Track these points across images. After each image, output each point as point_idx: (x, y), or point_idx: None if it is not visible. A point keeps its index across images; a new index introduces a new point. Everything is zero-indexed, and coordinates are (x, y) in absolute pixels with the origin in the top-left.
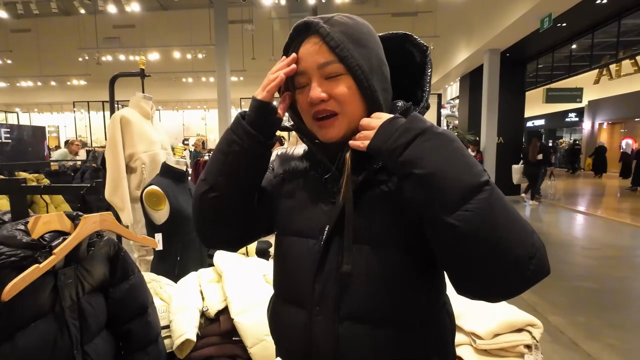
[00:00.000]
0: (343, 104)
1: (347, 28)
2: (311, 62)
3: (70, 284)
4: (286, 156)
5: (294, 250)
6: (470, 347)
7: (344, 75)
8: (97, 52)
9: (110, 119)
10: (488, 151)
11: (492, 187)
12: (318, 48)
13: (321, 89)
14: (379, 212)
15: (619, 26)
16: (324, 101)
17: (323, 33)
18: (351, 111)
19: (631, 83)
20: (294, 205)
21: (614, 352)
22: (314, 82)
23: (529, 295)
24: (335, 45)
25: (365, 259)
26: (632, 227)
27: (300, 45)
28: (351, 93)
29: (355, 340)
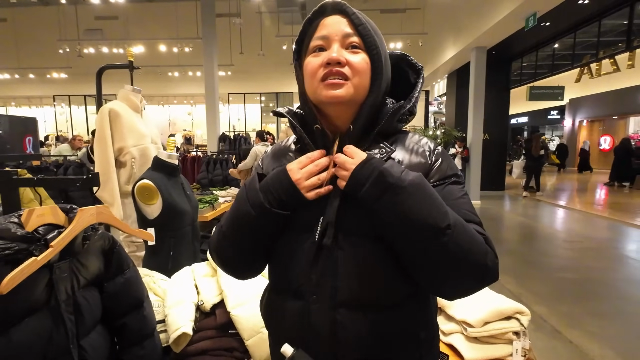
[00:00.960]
0: (356, 73)
1: (365, 17)
2: (336, 29)
3: (65, 277)
4: (277, 152)
5: (289, 244)
6: (462, 336)
7: (362, 52)
8: (79, 44)
9: (99, 112)
10: (474, 147)
11: (452, 230)
12: (345, 21)
13: (340, 53)
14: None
15: (600, 26)
16: (341, 63)
17: (349, 12)
18: (359, 83)
19: (610, 82)
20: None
21: (594, 338)
22: (335, 45)
23: (513, 286)
24: (359, 23)
25: (358, 248)
26: (610, 221)
27: (322, 19)
28: (365, 68)
29: (351, 325)
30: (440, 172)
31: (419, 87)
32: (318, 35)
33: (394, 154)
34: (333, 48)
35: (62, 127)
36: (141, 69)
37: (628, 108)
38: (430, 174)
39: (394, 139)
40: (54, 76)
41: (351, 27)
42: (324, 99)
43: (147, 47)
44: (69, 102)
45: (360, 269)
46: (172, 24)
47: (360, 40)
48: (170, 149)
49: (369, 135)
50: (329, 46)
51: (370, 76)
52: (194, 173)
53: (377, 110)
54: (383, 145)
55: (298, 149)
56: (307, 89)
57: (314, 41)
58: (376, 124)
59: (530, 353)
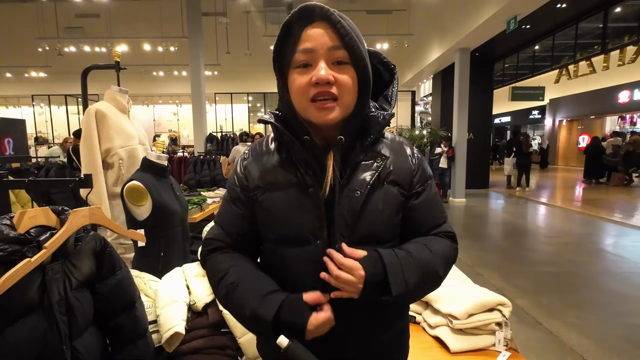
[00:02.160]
0: (344, 92)
1: (350, 22)
2: (322, 42)
3: (58, 279)
4: (260, 161)
5: (291, 256)
6: (448, 328)
7: (349, 65)
8: (59, 43)
9: (85, 113)
10: (459, 146)
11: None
12: (329, 32)
13: (328, 71)
14: (373, 212)
15: (577, 29)
16: (329, 83)
17: (334, 20)
18: (347, 101)
19: (587, 83)
20: (279, 213)
21: (573, 329)
22: (321, 63)
23: (497, 280)
24: (345, 34)
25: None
26: (588, 216)
27: (305, 27)
28: (353, 84)
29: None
30: (422, 176)
31: (395, 87)
32: (302, 48)
33: (387, 164)
34: (320, 65)
35: (41, 128)
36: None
37: (604, 108)
38: (415, 179)
39: (381, 144)
40: (32, 75)
41: (337, 39)
42: (315, 120)
43: (130, 46)
44: (48, 102)
45: None
46: (157, 23)
47: (347, 53)
48: (159, 150)
49: (362, 145)
50: (314, 61)
51: (358, 89)
52: (181, 174)
53: (365, 118)
54: (378, 154)
55: (284, 154)
56: (296, 105)
57: (298, 54)
58: (366, 132)
59: (511, 343)
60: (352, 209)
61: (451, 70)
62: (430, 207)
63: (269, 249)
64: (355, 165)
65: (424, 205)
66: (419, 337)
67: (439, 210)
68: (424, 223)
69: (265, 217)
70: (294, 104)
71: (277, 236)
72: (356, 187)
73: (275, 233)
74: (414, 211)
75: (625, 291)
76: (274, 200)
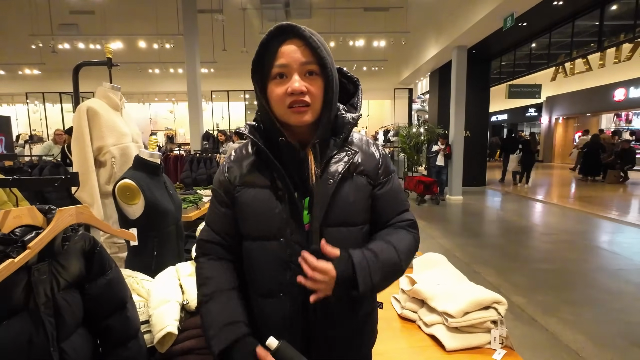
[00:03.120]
0: (315, 99)
1: (319, 37)
2: (295, 58)
3: (44, 279)
4: (240, 163)
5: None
6: (443, 326)
7: (318, 76)
8: (53, 40)
9: (76, 110)
10: (456, 144)
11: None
12: (301, 48)
13: (301, 82)
14: (346, 199)
15: (573, 27)
16: (303, 93)
17: (306, 36)
18: (317, 107)
19: (583, 80)
20: (253, 212)
21: (568, 325)
22: (296, 76)
23: (494, 278)
24: (316, 47)
25: (340, 235)
26: (583, 214)
27: (281, 44)
28: (321, 92)
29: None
30: (386, 170)
31: (359, 96)
32: (278, 63)
33: (356, 157)
34: (294, 78)
35: (35, 126)
36: (120, 65)
37: (600, 106)
38: (380, 171)
39: (351, 142)
40: (26, 72)
41: (308, 54)
42: (292, 122)
43: (126, 43)
44: (42, 99)
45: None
46: (152, 19)
47: (317, 65)
48: (152, 148)
49: (335, 142)
50: (289, 74)
51: (326, 96)
52: (177, 172)
53: (334, 120)
54: (348, 149)
55: (261, 158)
56: (276, 111)
57: (275, 68)
58: (338, 131)
59: (507, 340)
60: (325, 195)
61: (448, 68)
62: (394, 197)
63: (245, 245)
64: (329, 159)
65: (388, 195)
66: (415, 336)
67: (401, 200)
68: (388, 210)
69: (241, 214)
70: (274, 110)
71: (249, 233)
72: (329, 177)
73: (248, 230)
74: (379, 200)
75: (620, 288)
76: (249, 199)
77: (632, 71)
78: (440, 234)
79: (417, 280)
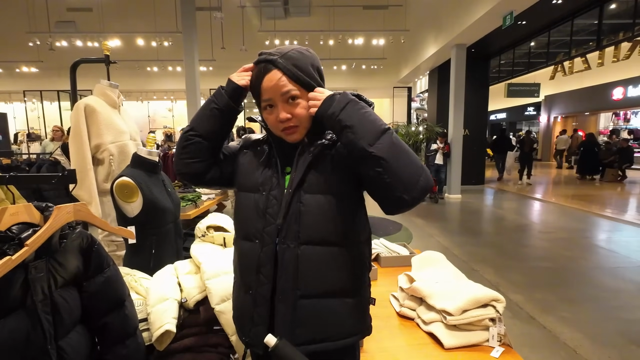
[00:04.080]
0: (301, 119)
1: (296, 61)
2: (275, 92)
3: (41, 277)
4: (250, 139)
5: (245, 202)
6: (441, 324)
7: (300, 99)
8: (50, 37)
9: (74, 108)
10: (455, 142)
11: (391, 131)
12: (279, 79)
13: (285, 112)
14: (324, 171)
15: (572, 26)
16: (289, 120)
17: (281, 67)
18: (305, 124)
19: (582, 79)
20: (249, 168)
21: (566, 323)
22: (279, 106)
23: (492, 276)
24: (291, 75)
25: (317, 202)
26: (581, 212)
27: (263, 78)
28: (305, 110)
29: (311, 258)
30: None
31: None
32: (264, 98)
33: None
34: (279, 108)
35: (33, 124)
36: (118, 63)
37: (598, 104)
38: None
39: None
40: (23, 70)
41: (286, 81)
42: (287, 140)
43: (124, 41)
44: (40, 97)
45: (315, 216)
46: (151, 17)
47: (297, 89)
48: (150, 146)
49: (326, 137)
50: (275, 105)
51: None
52: None
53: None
54: (330, 134)
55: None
56: (272, 130)
57: (262, 102)
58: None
59: (505, 338)
60: (303, 164)
61: (447, 67)
62: None
63: (236, 195)
64: (318, 145)
65: None
66: (413, 334)
67: None
68: None
69: (238, 168)
70: (271, 129)
71: (240, 185)
72: (311, 150)
73: (240, 182)
74: None
75: (618, 286)
76: (247, 159)
77: (631, 70)
78: (439, 232)
79: (416, 278)
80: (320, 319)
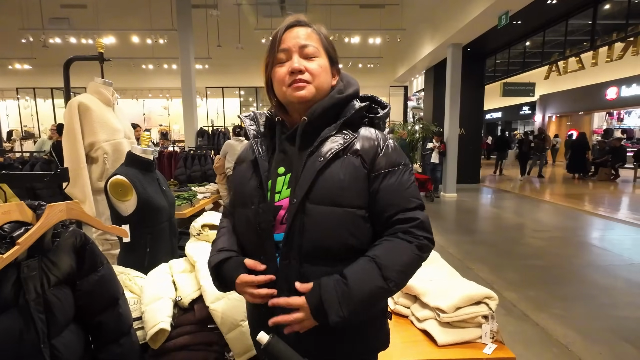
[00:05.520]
0: (315, 77)
1: (319, 28)
2: (294, 42)
3: (34, 276)
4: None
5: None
6: (435, 321)
7: (319, 58)
8: (44, 34)
9: (67, 106)
10: (451, 141)
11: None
12: (307, 33)
13: (299, 63)
14: (333, 179)
15: (567, 26)
16: (301, 72)
17: (314, 27)
18: (319, 85)
19: (576, 79)
20: (237, 183)
21: (559, 320)
22: (295, 57)
23: (486, 274)
24: (321, 38)
25: (322, 214)
26: (575, 211)
27: (284, 32)
28: (322, 70)
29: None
30: (389, 160)
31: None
32: (280, 48)
33: (355, 141)
34: (294, 59)
35: (27, 122)
36: (113, 61)
37: (592, 104)
38: (379, 158)
39: (357, 128)
40: (16, 67)
41: (315, 37)
42: (292, 99)
43: (119, 38)
44: (34, 95)
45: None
46: (146, 14)
47: (316, 47)
48: (144, 144)
49: (335, 125)
50: (290, 57)
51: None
52: (171, 169)
53: (338, 105)
54: (347, 132)
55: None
56: (277, 93)
57: (278, 53)
58: (342, 116)
59: (498, 335)
60: (312, 171)
61: (443, 66)
62: (398, 191)
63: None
64: (325, 138)
65: (390, 188)
66: (407, 331)
67: (409, 195)
68: (389, 206)
69: (230, 184)
70: (276, 93)
71: (233, 201)
72: (320, 155)
73: (232, 198)
74: (380, 192)
75: (610, 284)
76: (235, 173)
77: (624, 70)
78: (434, 231)
79: None
80: (327, 337)
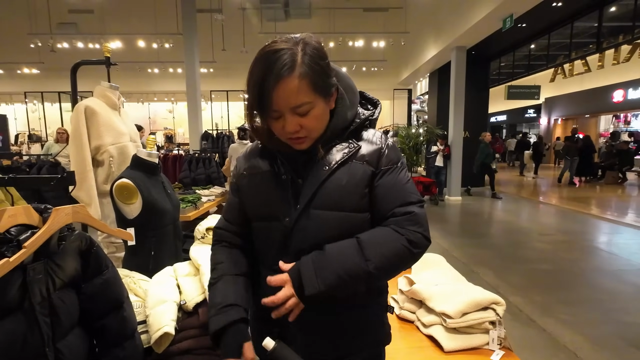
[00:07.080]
0: (311, 129)
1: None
2: (285, 103)
3: (40, 279)
4: (249, 154)
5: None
6: (441, 327)
7: (313, 109)
8: (51, 39)
9: (74, 109)
10: (455, 145)
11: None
12: (296, 89)
13: (294, 124)
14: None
15: (572, 28)
16: (296, 132)
17: (303, 73)
18: (316, 133)
19: (582, 82)
20: (255, 193)
21: (565, 325)
22: (288, 117)
23: (492, 278)
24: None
25: (324, 218)
26: (581, 214)
27: (274, 87)
28: (318, 117)
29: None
30: (390, 157)
31: (376, 113)
32: (273, 108)
33: (359, 146)
34: (287, 120)
35: (34, 125)
36: (119, 65)
37: (598, 107)
38: (382, 158)
39: (360, 135)
40: (24, 72)
41: (306, 90)
42: (295, 150)
43: (125, 43)
44: (41, 99)
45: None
46: (151, 19)
47: (311, 98)
48: (150, 147)
49: (342, 136)
50: (282, 115)
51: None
52: (176, 172)
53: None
54: (352, 142)
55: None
56: (278, 136)
57: (271, 111)
58: (348, 129)
59: (505, 341)
60: (317, 179)
61: (447, 69)
62: (395, 186)
63: (252, 226)
64: (330, 147)
65: (388, 183)
66: (413, 336)
67: (406, 191)
68: (386, 200)
69: (244, 197)
70: (277, 135)
71: (252, 215)
72: (325, 164)
73: (251, 212)
74: (378, 188)
75: (618, 288)
76: (252, 183)
77: (631, 72)
78: (439, 235)
79: (416, 280)
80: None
